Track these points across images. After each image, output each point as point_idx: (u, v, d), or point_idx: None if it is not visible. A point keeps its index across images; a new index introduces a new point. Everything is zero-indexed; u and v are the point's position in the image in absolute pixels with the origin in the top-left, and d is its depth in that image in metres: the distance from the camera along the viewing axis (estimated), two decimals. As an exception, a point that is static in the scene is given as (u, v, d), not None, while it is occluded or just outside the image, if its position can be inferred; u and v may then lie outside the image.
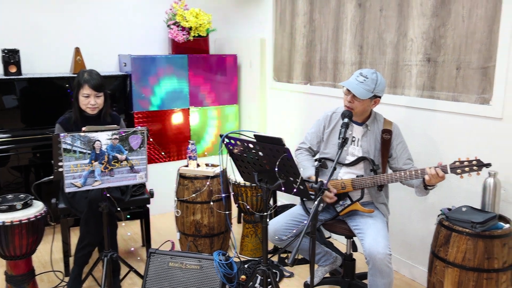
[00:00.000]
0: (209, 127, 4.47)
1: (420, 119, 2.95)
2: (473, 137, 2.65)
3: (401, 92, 3.05)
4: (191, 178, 3.28)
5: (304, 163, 2.70)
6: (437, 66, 2.80)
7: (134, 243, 3.70)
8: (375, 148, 2.58)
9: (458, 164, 2.28)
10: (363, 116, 2.59)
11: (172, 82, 4.20)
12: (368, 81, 2.43)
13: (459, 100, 2.69)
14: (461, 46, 2.66)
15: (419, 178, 2.36)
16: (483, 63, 2.56)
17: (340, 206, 2.61)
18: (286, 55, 4.13)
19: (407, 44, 2.97)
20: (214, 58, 4.42)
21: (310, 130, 2.80)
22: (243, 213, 3.50)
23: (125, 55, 4.17)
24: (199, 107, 4.38)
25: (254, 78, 4.48)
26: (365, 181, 2.50)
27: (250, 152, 2.20)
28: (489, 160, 2.48)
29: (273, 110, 4.41)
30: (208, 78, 4.39)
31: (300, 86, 3.98)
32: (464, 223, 2.32)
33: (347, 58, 3.45)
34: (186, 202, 3.29)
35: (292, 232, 2.60)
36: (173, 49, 4.37)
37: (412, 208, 3.08)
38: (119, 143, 2.39)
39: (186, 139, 4.29)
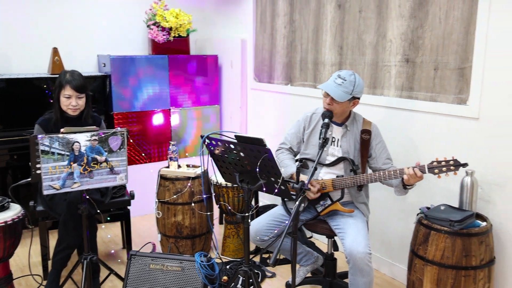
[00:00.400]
0: (190, 128, 4.45)
1: (399, 119, 2.98)
2: (451, 137, 2.69)
3: (381, 92, 3.08)
4: (172, 179, 3.26)
5: (286, 161, 2.71)
6: (415, 66, 2.84)
7: (114, 246, 3.66)
8: (354, 148, 2.60)
9: (435, 164, 2.31)
10: (343, 116, 2.61)
11: (153, 83, 4.18)
12: (347, 83, 2.45)
13: (437, 101, 2.73)
14: (438, 47, 2.70)
15: (398, 178, 2.39)
16: (460, 64, 2.60)
17: (320, 206, 2.62)
18: (267, 56, 4.13)
19: (386, 45, 3.00)
20: (194, 59, 4.40)
21: (290, 130, 2.81)
22: (224, 214, 3.49)
23: (104, 56, 4.12)
24: (179, 108, 4.35)
25: (235, 79, 4.48)
26: (345, 181, 2.52)
27: (231, 152, 2.19)
28: (466, 159, 2.53)
29: (254, 110, 4.41)
30: (188, 78, 4.38)
31: (281, 86, 3.99)
32: (442, 221, 2.35)
33: (327, 58, 3.47)
34: (167, 203, 3.26)
35: (274, 233, 2.60)
36: (153, 49, 4.34)
37: (392, 208, 3.11)
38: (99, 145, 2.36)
39: (166, 140, 4.26)
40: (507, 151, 2.44)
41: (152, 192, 3.53)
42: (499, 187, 2.49)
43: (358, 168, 2.56)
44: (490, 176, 2.51)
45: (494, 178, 2.50)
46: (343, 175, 2.57)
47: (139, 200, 3.91)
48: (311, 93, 3.65)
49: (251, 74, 4.36)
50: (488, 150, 2.52)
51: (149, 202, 3.94)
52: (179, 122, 4.37)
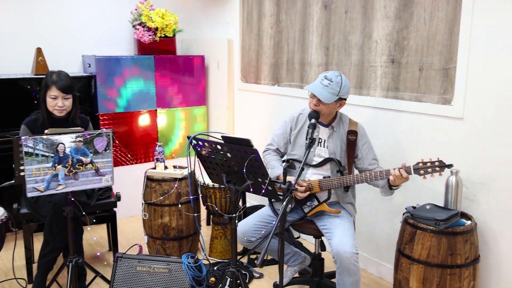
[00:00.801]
0: (176, 128, 4.44)
1: (385, 119, 3.00)
2: (436, 137, 2.72)
3: (367, 93, 3.10)
4: (158, 180, 3.25)
5: (272, 163, 2.72)
6: (400, 67, 2.87)
7: (100, 248, 3.63)
8: (341, 149, 2.61)
9: (421, 165, 2.33)
10: (329, 117, 2.62)
11: (139, 83, 4.15)
12: (333, 84, 2.45)
13: (422, 101, 2.76)
14: (423, 47, 2.72)
15: (384, 178, 2.41)
16: (444, 65, 2.63)
17: (307, 207, 2.63)
18: (254, 56, 4.13)
19: (372, 46, 3.02)
20: (181, 59, 4.39)
21: (277, 131, 2.81)
22: (212, 215, 3.48)
23: (89, 56, 4.09)
24: (166, 108, 4.34)
25: (222, 79, 4.47)
26: (331, 182, 2.53)
27: (218, 153, 2.19)
28: (451, 159, 2.56)
29: (241, 111, 4.41)
30: (175, 79, 4.36)
31: (267, 87, 4.00)
32: (428, 220, 2.38)
33: (314, 59, 3.48)
34: (153, 205, 3.25)
35: (261, 233, 2.60)
36: (139, 50, 4.32)
37: (379, 207, 3.14)
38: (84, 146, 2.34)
39: (153, 141, 4.24)
40: (491, 151, 2.48)
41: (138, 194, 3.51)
42: (483, 186, 2.52)
43: (345, 169, 2.57)
44: (475, 175, 2.55)
45: (478, 178, 2.54)
46: (329, 176, 2.58)
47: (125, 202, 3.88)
48: (297, 94, 3.66)
49: (238, 74, 4.36)
50: (473, 150, 2.55)
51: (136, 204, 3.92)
52: (165, 123, 4.35)
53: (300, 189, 2.55)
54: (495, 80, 2.42)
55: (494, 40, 2.41)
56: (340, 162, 2.58)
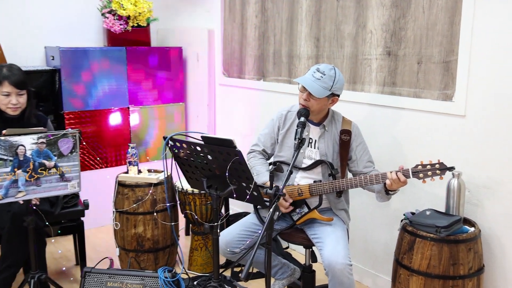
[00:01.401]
0: (151, 128, 4.42)
1: (381, 117, 3.04)
2: (436, 136, 2.76)
3: (361, 88, 3.13)
4: (131, 186, 3.24)
5: (258, 167, 2.72)
6: (397, 60, 2.90)
7: (66, 262, 3.61)
8: (333, 151, 2.63)
9: (420, 168, 2.36)
10: (320, 115, 2.64)
11: (109, 78, 4.13)
12: (326, 78, 2.47)
13: (421, 97, 2.80)
14: (422, 38, 2.76)
15: (380, 183, 2.43)
16: (444, 57, 2.67)
17: (297, 214, 2.64)
18: (237, 48, 4.14)
19: (366, 37, 3.06)
20: (156, 51, 4.38)
21: (263, 131, 2.82)
22: (191, 224, 3.48)
23: (53, 47, 4.05)
24: (139, 106, 4.32)
25: (202, 74, 4.47)
26: (323, 186, 2.54)
27: (197, 155, 2.19)
28: (452, 160, 2.59)
29: (223, 108, 4.42)
30: (149, 73, 4.35)
31: (252, 82, 4.01)
32: (428, 227, 2.41)
33: (303, 51, 3.50)
34: (126, 213, 3.24)
35: (246, 244, 2.61)
36: (109, 40, 4.29)
37: (375, 214, 3.17)
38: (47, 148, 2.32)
39: (125, 142, 4.23)
40: (496, 151, 2.52)
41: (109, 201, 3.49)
42: (487, 190, 2.56)
43: (337, 172, 2.59)
44: (478, 178, 2.59)
45: (482, 180, 2.58)
46: (321, 180, 2.60)
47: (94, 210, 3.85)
48: (285, 89, 3.67)
49: (219, 68, 4.37)
50: (476, 150, 2.59)
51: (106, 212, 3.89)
52: (139, 122, 4.33)
53: (284, 204, 2.56)
54: (500, 73, 2.46)
55: (498, 30, 2.45)
56: (332, 164, 2.59)
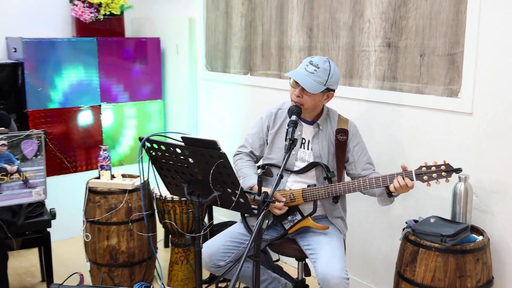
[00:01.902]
0: (126, 128, 4.41)
1: (380, 115, 3.05)
2: (440, 136, 2.78)
3: (358, 83, 3.15)
4: (103, 193, 3.23)
5: (245, 170, 2.72)
6: (398, 52, 2.92)
7: (31, 278, 3.59)
8: (328, 152, 2.64)
9: (424, 169, 2.38)
10: (314, 113, 2.65)
11: (78, 72, 4.11)
12: (320, 71, 2.48)
13: (424, 92, 2.82)
14: (424, 28, 2.78)
15: (381, 186, 2.44)
16: (449, 49, 2.69)
17: (288, 222, 2.64)
18: (221, 39, 4.14)
19: (364, 26, 3.07)
20: (131, 42, 4.37)
21: (251, 130, 2.82)
22: (170, 234, 3.47)
23: (15, 38, 4.02)
24: (113, 103, 4.31)
25: (182, 67, 4.46)
26: (318, 191, 2.55)
27: (177, 158, 2.18)
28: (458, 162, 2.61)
29: (205, 106, 4.41)
30: (124, 67, 4.33)
31: (238, 76, 4.01)
32: (432, 236, 2.42)
33: (294, 42, 3.51)
34: (98, 223, 3.22)
35: (232, 256, 2.61)
36: (78, 30, 4.27)
37: (374, 221, 3.18)
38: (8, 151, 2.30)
39: (97, 144, 4.20)
40: (506, 152, 2.54)
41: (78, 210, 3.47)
42: (497, 195, 2.59)
43: (334, 175, 2.60)
44: (487, 181, 2.61)
45: (491, 184, 2.60)
46: (315, 184, 2.60)
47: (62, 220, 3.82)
48: (275, 85, 3.68)
49: (201, 61, 4.36)
50: (484, 151, 2.62)
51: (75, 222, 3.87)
52: (112, 122, 4.32)
53: (277, 204, 2.56)
54: (511, 67, 2.49)
55: (507, 20, 2.47)
56: (328, 167, 2.60)
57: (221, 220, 4.11)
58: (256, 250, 2.13)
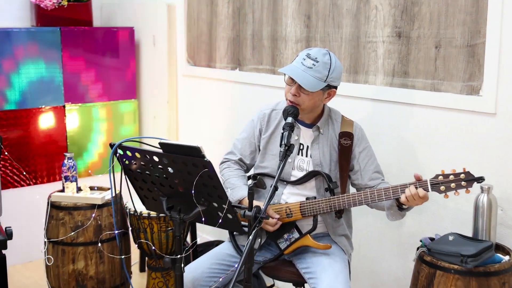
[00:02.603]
0: (94, 133, 4.40)
1: (389, 116, 3.05)
2: (459, 140, 2.78)
3: (364, 79, 3.15)
4: (68, 208, 3.22)
5: (233, 180, 2.71)
6: (410, 43, 2.93)
7: (-17, 309, 3.55)
8: (330, 159, 2.64)
9: (441, 178, 2.37)
10: (313, 114, 2.64)
11: (38, 68, 4.11)
12: (319, 65, 2.48)
13: (440, 90, 2.83)
14: (440, 16, 2.79)
15: (391, 198, 2.44)
16: (469, 40, 2.70)
17: (284, 241, 2.63)
18: (205, 29, 4.14)
19: (370, 14, 3.08)
20: (100, 33, 4.37)
21: (240, 135, 2.82)
22: (147, 257, 3.46)
23: (-36, 28, 4.01)
24: (79, 103, 4.30)
25: (160, 62, 4.46)
26: (318, 205, 2.54)
27: (155, 168, 2.17)
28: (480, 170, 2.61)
29: (187, 107, 4.40)
30: (91, 61, 4.33)
31: (225, 72, 4.00)
32: (451, 257, 2.42)
33: (290, 33, 3.51)
34: (62, 244, 3.22)
35: (219, 281, 2.59)
36: (38, 19, 4.26)
37: (384, 239, 3.18)
38: (-44, 160, 2.28)
39: (60, 151, 4.19)
40: (534, 158, 2.55)
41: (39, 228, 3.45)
42: (525, 207, 2.59)
43: (336, 186, 2.59)
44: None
45: (518, 195, 2.61)
46: (315, 197, 2.60)
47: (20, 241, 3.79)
48: (268, 81, 3.68)
49: (182, 55, 4.36)
50: (510, 157, 2.62)
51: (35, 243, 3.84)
52: (78, 125, 4.31)
53: (271, 220, 2.55)
54: (538, 60, 2.50)
55: (535, 6, 2.49)
56: (330, 176, 2.60)
57: (206, 240, 4.10)
58: (247, 274, 2.12)
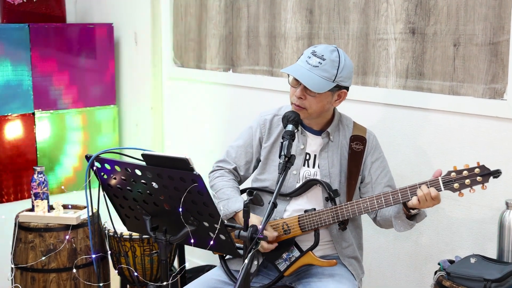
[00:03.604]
0: (68, 143, 4.39)
1: (403, 122, 3.07)
2: (480, 147, 2.80)
3: (374, 81, 3.17)
4: (39, 230, 3.21)
5: (228, 191, 2.70)
6: (425, 41, 2.95)
7: None
8: (340, 169, 2.65)
9: (454, 175, 2.38)
10: (322, 119, 2.65)
11: (4, 70, 4.10)
12: (326, 63, 2.49)
13: (460, 93, 2.85)
14: (459, 10, 2.81)
15: (399, 202, 2.45)
16: (491, 37, 2.72)
17: (283, 261, 2.64)
18: (194, 25, 4.15)
19: (381, 8, 3.10)
20: (74, 30, 4.36)
21: (235, 142, 2.82)
22: (128, 284, 3.45)
23: None
24: (51, 110, 4.29)
25: (143, 62, 4.46)
26: (318, 216, 2.54)
27: (137, 183, 2.18)
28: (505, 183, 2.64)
29: (174, 113, 4.40)
30: (65, 62, 4.32)
31: (217, 74, 4.01)
32: (473, 281, 2.43)
33: (290, 29, 3.53)
34: (31, 270, 3.21)
35: (210, 311, 2.61)
36: (3, 15, 4.25)
37: (397, 262, 3.19)
38: None
39: (30, 164, 4.18)
40: None
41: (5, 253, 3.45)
42: (556, 225, 2.61)
43: (338, 194, 2.59)
44: (543, 208, 2.63)
45: (548, 212, 2.62)
46: (314, 208, 2.59)
47: (-16, 267, 3.80)
48: (265, 84, 3.68)
49: (168, 54, 4.36)
50: (538, 169, 2.65)
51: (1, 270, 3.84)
52: (50, 135, 4.30)
53: (268, 234, 2.53)
54: None
55: None
56: (329, 185, 2.60)
57: (196, 264, 4.09)
58: (242, 303, 2.13)
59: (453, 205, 2.85)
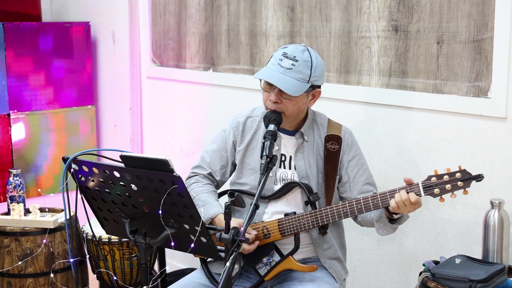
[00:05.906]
0: (45, 145, 4.38)
1: (386, 121, 3.08)
2: (465, 147, 2.81)
3: (357, 80, 3.17)
4: (15, 234, 3.21)
5: (203, 196, 2.69)
6: (408, 38, 2.96)
7: None
8: (317, 170, 2.65)
9: (434, 180, 2.37)
10: (297, 119, 2.65)
11: (-22, 71, 4.09)
12: (299, 65, 2.48)
13: (444, 91, 2.86)
14: (442, 7, 2.82)
15: (379, 207, 2.45)
16: (475, 34, 2.73)
17: (264, 266, 2.64)
18: (173, 22, 4.14)
19: (363, 5, 3.11)
20: (50, 29, 4.35)
21: (209, 146, 2.81)
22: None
23: None
24: (26, 112, 4.28)
25: (120, 62, 4.45)
26: (298, 221, 2.55)
27: (116, 185, 2.17)
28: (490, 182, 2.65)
29: (153, 113, 4.39)
30: (41, 62, 4.31)
31: (197, 73, 4.01)
32: (458, 282, 2.43)
33: (271, 27, 3.53)
34: (7, 275, 3.20)
35: (191, 315, 2.61)
36: (-23, 13, 4.25)
37: (381, 263, 3.20)
38: None
39: (5, 167, 4.16)
40: (551, 168, 2.59)
41: (-20, 258, 3.43)
42: (541, 225, 2.63)
43: (318, 198, 2.58)
44: (528, 207, 2.65)
45: (533, 211, 2.64)
46: (295, 212, 2.59)
47: (-42, 273, 3.77)
48: (246, 83, 3.68)
49: (146, 53, 4.35)
50: (523, 167, 2.66)
51: (-24, 275, 3.82)
52: (25, 136, 4.29)
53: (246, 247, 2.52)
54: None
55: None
56: (310, 187, 2.61)
57: (176, 268, 4.09)
58: (224, 307, 2.12)
59: (437, 205, 2.86)
